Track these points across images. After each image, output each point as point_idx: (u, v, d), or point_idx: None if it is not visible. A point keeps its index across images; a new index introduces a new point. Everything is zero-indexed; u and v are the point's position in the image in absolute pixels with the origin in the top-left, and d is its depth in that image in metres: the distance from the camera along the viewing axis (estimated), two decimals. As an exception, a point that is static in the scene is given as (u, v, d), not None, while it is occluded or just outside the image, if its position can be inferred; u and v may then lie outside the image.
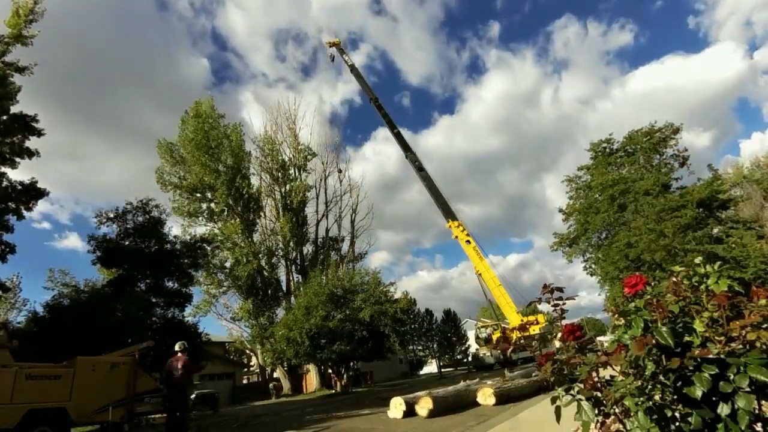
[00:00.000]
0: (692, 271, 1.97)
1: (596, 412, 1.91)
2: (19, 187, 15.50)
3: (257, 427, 11.78)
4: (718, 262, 2.00)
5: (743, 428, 1.52)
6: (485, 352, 33.60)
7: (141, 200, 20.36)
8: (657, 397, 1.72)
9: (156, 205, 20.71)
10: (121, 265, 18.91)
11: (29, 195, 15.75)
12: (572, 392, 1.98)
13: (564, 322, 2.32)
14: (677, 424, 1.68)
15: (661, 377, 1.71)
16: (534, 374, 12.26)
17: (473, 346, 43.19)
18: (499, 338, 24.53)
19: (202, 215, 31.92)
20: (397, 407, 9.50)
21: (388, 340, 25.79)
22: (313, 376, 32.76)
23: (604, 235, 29.06)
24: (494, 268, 25.60)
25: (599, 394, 1.90)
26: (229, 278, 31.65)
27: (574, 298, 2.47)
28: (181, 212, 30.86)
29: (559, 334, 2.20)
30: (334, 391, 27.27)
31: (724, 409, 1.56)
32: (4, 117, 14.71)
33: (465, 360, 47.07)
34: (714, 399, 1.60)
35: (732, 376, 1.54)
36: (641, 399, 1.71)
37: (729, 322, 1.69)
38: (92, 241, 19.05)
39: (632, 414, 1.74)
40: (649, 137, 27.49)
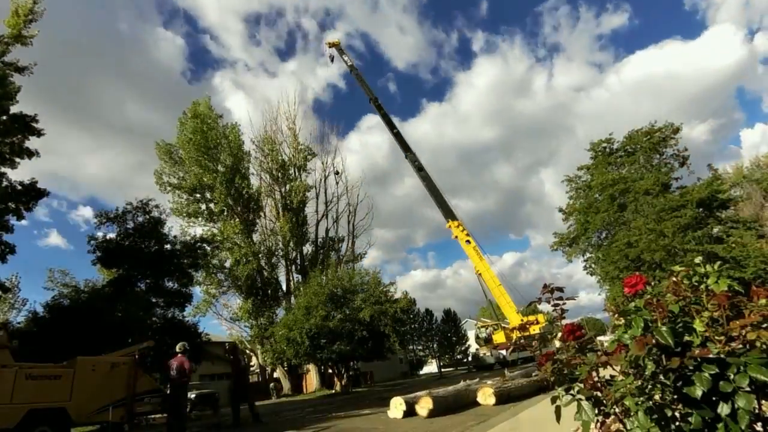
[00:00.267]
0: (692, 270, 1.97)
1: (596, 411, 1.91)
2: (19, 187, 15.51)
3: (257, 427, 11.77)
4: (718, 262, 2.00)
5: (743, 428, 1.52)
6: (485, 352, 33.59)
7: (141, 200, 20.39)
8: (657, 397, 1.72)
9: (156, 206, 20.74)
10: (121, 265, 18.92)
11: (29, 195, 15.77)
12: (572, 392, 1.98)
13: (564, 322, 2.32)
14: (677, 423, 1.68)
15: (661, 377, 1.71)
16: (534, 374, 12.25)
17: (473, 346, 43.20)
18: (502, 337, 24.65)
19: (202, 216, 31.91)
20: (397, 407, 9.50)
21: (388, 340, 25.76)
22: (313, 376, 32.75)
23: (604, 234, 29.08)
24: (493, 267, 25.65)
25: (599, 394, 1.90)
26: (228, 278, 31.65)
27: (574, 298, 2.47)
28: (180, 213, 30.86)
29: (559, 334, 2.20)
30: (334, 391, 27.26)
31: (724, 409, 1.56)
32: (4, 117, 14.71)
33: (465, 360, 47.06)
34: (714, 399, 1.60)
35: (732, 376, 1.54)
36: (641, 399, 1.71)
37: (729, 322, 1.69)
38: (92, 242, 19.08)
39: (632, 414, 1.74)
40: (649, 137, 27.52)
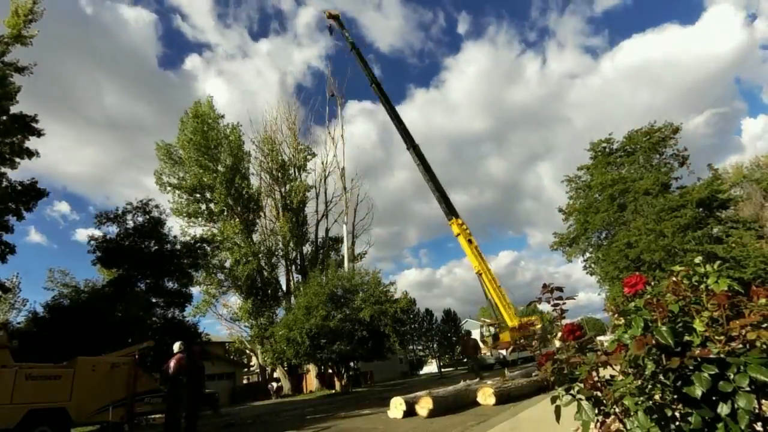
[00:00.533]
0: (692, 270, 1.97)
1: (596, 411, 1.91)
2: (19, 187, 15.51)
3: (257, 427, 11.77)
4: (718, 262, 2.01)
5: (743, 428, 1.52)
6: (485, 352, 33.54)
7: (141, 200, 20.43)
8: (657, 397, 1.72)
9: (156, 206, 20.77)
10: (121, 265, 18.93)
11: (29, 195, 15.77)
12: (572, 392, 1.98)
13: (564, 322, 2.32)
14: (677, 423, 1.68)
15: (661, 377, 1.71)
16: (534, 374, 12.23)
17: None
18: (507, 336, 24.66)
19: (202, 216, 31.92)
20: (397, 407, 9.49)
21: (388, 340, 25.73)
22: (313, 376, 32.76)
23: (603, 234, 29.09)
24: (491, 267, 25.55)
25: (599, 394, 1.90)
26: (228, 278, 31.64)
27: (573, 298, 2.47)
28: (180, 213, 30.87)
29: (559, 334, 2.20)
30: (334, 391, 27.26)
31: (724, 409, 1.56)
32: (4, 117, 14.72)
33: (465, 360, 47.02)
34: (714, 398, 1.60)
35: (732, 376, 1.54)
36: (641, 398, 1.71)
37: (729, 322, 1.69)
38: (92, 242, 19.10)
39: (632, 413, 1.74)
40: (649, 137, 27.52)
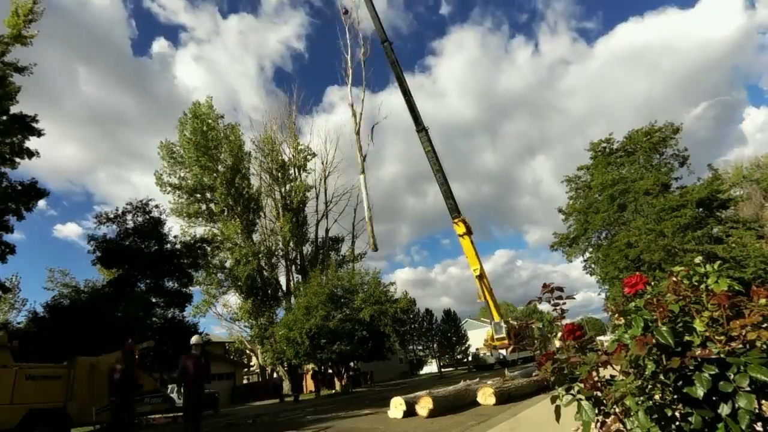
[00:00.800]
0: (692, 270, 1.97)
1: (596, 411, 1.91)
2: (19, 187, 15.51)
3: (257, 427, 11.77)
4: (718, 262, 2.00)
5: (744, 428, 1.51)
6: (485, 352, 33.52)
7: (141, 200, 20.44)
8: (657, 397, 1.72)
9: (156, 206, 20.78)
10: (121, 265, 18.94)
11: (29, 195, 15.76)
12: (572, 392, 1.98)
13: (564, 322, 2.32)
14: (677, 423, 1.68)
15: (661, 377, 1.71)
16: (534, 374, 12.24)
17: (473, 346, 43.16)
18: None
19: (202, 216, 31.93)
20: (397, 407, 9.49)
21: (388, 340, 25.77)
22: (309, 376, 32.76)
23: (603, 235, 29.07)
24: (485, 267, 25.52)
25: (599, 394, 1.89)
26: (228, 278, 31.64)
27: (573, 297, 2.47)
28: (180, 213, 30.87)
29: (559, 334, 2.20)
30: (334, 391, 27.26)
31: (724, 409, 1.56)
32: (4, 117, 14.72)
33: (465, 360, 47.01)
34: (714, 398, 1.60)
35: (732, 376, 1.54)
36: (641, 398, 1.71)
37: (729, 322, 1.69)
38: (92, 242, 19.09)
39: (632, 413, 1.73)
40: (649, 137, 27.50)
